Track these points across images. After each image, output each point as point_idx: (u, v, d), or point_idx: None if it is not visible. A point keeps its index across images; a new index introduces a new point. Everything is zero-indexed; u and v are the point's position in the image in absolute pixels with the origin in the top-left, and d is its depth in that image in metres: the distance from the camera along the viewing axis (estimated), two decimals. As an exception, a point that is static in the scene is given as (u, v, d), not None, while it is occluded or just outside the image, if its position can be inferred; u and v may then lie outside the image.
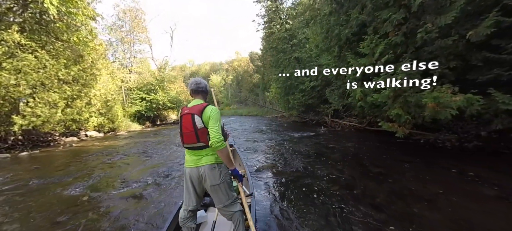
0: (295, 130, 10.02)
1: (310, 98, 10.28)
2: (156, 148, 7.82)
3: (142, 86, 19.97)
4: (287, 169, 4.28)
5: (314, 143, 6.73)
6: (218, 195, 1.63)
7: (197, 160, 1.60)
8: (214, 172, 1.59)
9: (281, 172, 4.13)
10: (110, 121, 14.14)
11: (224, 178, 1.63)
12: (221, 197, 1.63)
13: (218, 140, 1.48)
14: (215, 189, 1.61)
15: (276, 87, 12.96)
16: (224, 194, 1.63)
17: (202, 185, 1.66)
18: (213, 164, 1.60)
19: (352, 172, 3.87)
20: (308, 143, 6.68)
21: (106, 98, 12.52)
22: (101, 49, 12.02)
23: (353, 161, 4.58)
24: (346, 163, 4.41)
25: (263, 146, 6.58)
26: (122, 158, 6.32)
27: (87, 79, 10.09)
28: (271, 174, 4.09)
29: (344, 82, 5.87)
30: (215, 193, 1.63)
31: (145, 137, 11.58)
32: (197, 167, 1.60)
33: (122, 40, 20.30)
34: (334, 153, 5.37)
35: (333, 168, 4.12)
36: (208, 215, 2.27)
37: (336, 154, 5.24)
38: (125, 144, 9.28)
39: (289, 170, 4.20)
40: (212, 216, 2.18)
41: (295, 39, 11.03)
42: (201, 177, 1.61)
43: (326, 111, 9.91)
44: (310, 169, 4.14)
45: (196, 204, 1.70)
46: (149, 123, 19.57)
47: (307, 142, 6.86)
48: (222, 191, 1.62)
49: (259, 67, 37.52)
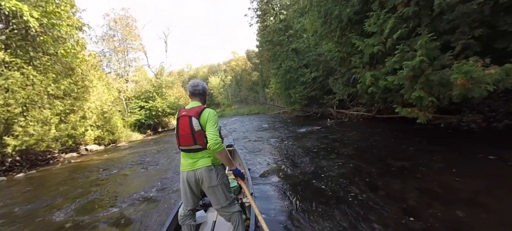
0: (299, 125, 9.51)
1: (312, 91, 9.74)
2: (154, 157, 7.42)
3: (140, 95, 19.66)
4: (294, 170, 3.80)
5: (321, 137, 6.23)
6: (216, 196, 1.62)
7: (193, 162, 1.59)
8: (211, 173, 1.58)
9: (288, 174, 3.65)
10: (110, 132, 13.86)
11: (221, 179, 1.62)
12: (219, 198, 1.62)
13: (216, 142, 1.46)
14: (212, 191, 1.60)
15: (276, 82, 12.41)
16: (221, 195, 1.62)
17: (199, 187, 1.66)
18: (210, 166, 1.58)
19: (369, 169, 3.37)
20: (315, 138, 6.18)
21: (102, 110, 12.17)
22: (91, 59, 11.63)
23: (369, 154, 4.07)
24: (361, 158, 3.91)
25: (266, 146, 6.11)
26: (117, 172, 5.92)
27: (79, 92, 9.73)
28: (277, 177, 3.62)
29: (349, 68, 5.33)
30: (212, 195, 1.62)
31: (144, 146, 11.22)
32: (193, 170, 1.59)
33: (115, 50, 19.94)
34: (345, 146, 4.86)
35: (347, 165, 3.63)
36: (208, 215, 2.25)
37: (348, 148, 4.73)
38: (123, 155, 8.91)
39: (296, 171, 3.72)
40: (212, 216, 2.16)
41: (291, 29, 10.45)
42: (198, 180, 1.59)
43: (331, 102, 9.37)
44: (320, 167, 3.66)
45: (194, 204, 1.71)
46: (151, 131, 19.28)
47: (314, 137, 6.35)
48: (219, 192, 1.61)
49: (257, 65, 36.99)
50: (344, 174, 3.31)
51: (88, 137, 10.30)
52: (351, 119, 8.60)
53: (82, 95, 9.95)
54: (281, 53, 10.38)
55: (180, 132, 1.57)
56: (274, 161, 4.51)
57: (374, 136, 5.39)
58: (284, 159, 4.46)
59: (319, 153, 4.59)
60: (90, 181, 5.30)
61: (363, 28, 4.27)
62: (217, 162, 1.63)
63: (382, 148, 4.22)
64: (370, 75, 3.87)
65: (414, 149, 3.84)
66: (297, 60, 9.87)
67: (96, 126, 11.62)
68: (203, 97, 1.74)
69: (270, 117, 17.38)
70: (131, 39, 20.90)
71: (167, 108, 18.61)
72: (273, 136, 7.74)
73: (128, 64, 21.23)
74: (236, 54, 50.06)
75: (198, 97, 1.71)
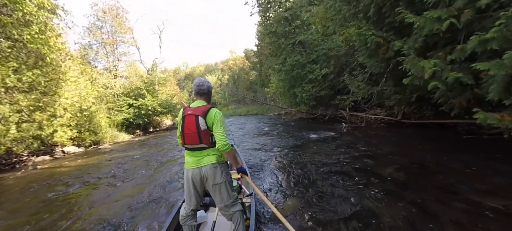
0: (306, 129, 8.24)
1: (322, 90, 8.48)
2: (134, 165, 6.05)
3: (129, 92, 18.12)
4: (320, 208, 2.51)
5: (341, 147, 4.96)
6: (220, 194, 1.62)
7: (198, 160, 1.59)
8: (216, 171, 1.59)
9: (312, 215, 2.34)
10: (92, 132, 12.39)
11: (225, 177, 1.64)
12: (223, 196, 1.63)
13: (225, 143, 1.49)
14: (217, 188, 1.61)
15: (278, 80, 11.10)
16: (225, 193, 1.63)
17: (204, 185, 1.66)
18: (215, 164, 1.59)
19: (430, 203, 2.11)
20: (333, 149, 4.91)
21: (80, 107, 10.66)
22: (65, 48, 10.12)
23: (418, 176, 2.83)
24: (407, 182, 2.66)
25: (271, 160, 4.74)
26: (80, 187, 4.52)
27: (49, 86, 8.24)
28: (296, 218, 2.31)
29: (384, 58, 4.08)
30: (217, 192, 1.62)
31: (128, 149, 9.79)
32: (199, 167, 1.59)
33: (103, 42, 18.34)
34: (379, 162, 3.61)
35: (391, 195, 2.37)
36: (208, 215, 2.27)
37: (383, 165, 3.48)
38: (99, 161, 7.48)
39: (325, 211, 2.43)
40: (212, 216, 2.15)
41: (298, 19, 9.17)
42: (203, 178, 1.60)
43: (343, 103, 8.14)
44: (362, 204, 2.37)
45: (197, 203, 1.70)
46: (140, 132, 17.75)
47: (331, 147, 5.08)
48: (223, 190, 1.62)
49: (255, 64, 35.73)
50: (397, 213, 2.04)
51: (58, 138, 8.78)
52: (369, 124, 7.38)
53: (53, 89, 8.47)
54: (286, 47, 9.06)
55: (185, 130, 1.58)
56: (285, 187, 3.21)
57: (415, 148, 4.16)
58: (299, 186, 3.14)
59: (347, 173, 3.31)
60: (42, 200, 3.89)
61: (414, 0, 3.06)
62: (222, 159, 1.63)
63: (434, 166, 2.99)
64: (432, 65, 2.64)
65: (486, 169, 2.61)
66: (305, 55, 8.61)
67: (73, 125, 10.09)
68: (208, 97, 1.72)
69: (270, 119, 16.08)
70: (121, 31, 19.33)
71: (159, 106, 17.11)
72: (277, 143, 6.43)
73: (118, 58, 19.64)
74: (234, 53, 48.97)
75: (203, 96, 1.69)
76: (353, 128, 7.09)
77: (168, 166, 5.48)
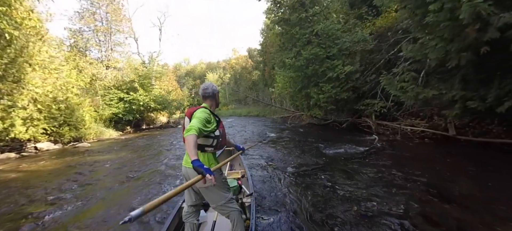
0: (324, 139, 6.67)
1: (344, 91, 6.90)
2: (97, 177, 4.50)
3: (121, 85, 16.58)
4: None
5: (386, 172, 3.39)
6: (209, 196, 1.61)
7: (187, 160, 1.59)
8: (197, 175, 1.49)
9: None
10: (73, 127, 10.88)
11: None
12: (213, 197, 1.60)
13: (187, 129, 1.37)
14: (204, 191, 1.60)
15: (287, 78, 9.49)
16: (215, 195, 1.59)
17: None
18: None
19: None
20: (376, 177, 3.34)
21: (54, 98, 9.12)
22: (42, 28, 8.58)
23: None
24: None
25: (284, 189, 3.11)
26: (14, 204, 2.96)
27: (7, 70, 6.70)
28: None
29: (462, 45, 2.54)
30: (206, 194, 1.61)
31: (107, 151, 8.24)
32: (186, 167, 1.60)
33: (96, 29, 16.80)
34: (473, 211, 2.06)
35: None
36: (208, 215, 2.23)
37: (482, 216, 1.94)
38: (66, 165, 5.91)
39: None
40: (212, 216, 2.14)
41: (317, 5, 7.57)
42: (190, 177, 1.55)
43: (369, 109, 6.59)
44: None
45: (196, 200, 1.69)
46: (131, 128, 16.17)
47: (371, 172, 3.51)
48: (213, 193, 1.59)
49: (259, 63, 34.16)
50: None
51: (17, 133, 7.19)
52: (404, 136, 5.83)
53: (14, 74, 6.92)
54: (301, 37, 7.49)
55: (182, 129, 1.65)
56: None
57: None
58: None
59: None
60: None
61: None
62: (208, 166, 1.47)
63: None
64: None
65: None
66: (324, 48, 7.02)
67: (41, 118, 8.52)
68: (213, 100, 1.74)
69: (274, 122, 14.48)
70: (116, 19, 17.81)
71: (152, 102, 15.54)
72: (290, 158, 4.84)
73: (111, 48, 18.11)
74: (237, 52, 47.46)
75: (208, 99, 1.72)
76: (387, 142, 5.52)
77: (141, 183, 3.93)
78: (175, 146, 8.27)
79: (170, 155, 6.59)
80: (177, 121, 21.03)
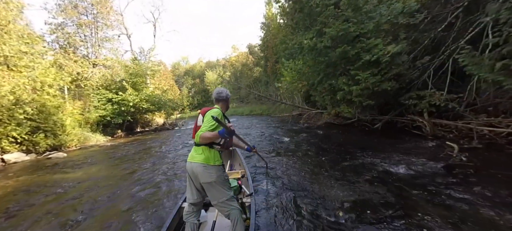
0: (361, 146, 4.94)
1: (386, 80, 5.05)
2: (65, 201, 2.80)
3: (111, 84, 14.86)
4: None
5: None
6: (211, 192, 1.66)
7: (193, 155, 1.69)
8: (204, 170, 1.63)
9: None
10: (51, 134, 9.27)
11: (216, 177, 1.64)
12: (215, 194, 1.65)
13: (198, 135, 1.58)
14: (207, 187, 1.65)
15: (301, 67, 7.60)
16: (218, 191, 1.64)
17: (198, 180, 1.67)
18: (204, 164, 1.64)
19: None
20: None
21: (15, 99, 7.43)
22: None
23: None
24: None
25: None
26: None
27: None
28: None
29: None
30: (209, 191, 1.66)
31: (84, 163, 6.49)
32: (191, 162, 1.68)
33: (79, 23, 15.00)
34: None
35: None
36: (208, 215, 2.24)
37: None
38: (20, 186, 4.19)
39: None
40: (212, 216, 2.13)
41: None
42: (195, 173, 1.65)
43: (424, 103, 4.84)
44: None
45: (197, 197, 1.72)
46: (122, 132, 14.45)
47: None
48: (216, 189, 1.64)
49: (260, 59, 32.35)
50: None
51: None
52: (483, 139, 4.09)
53: None
54: (324, 10, 5.72)
55: (194, 126, 1.79)
56: None
57: None
58: None
59: None
60: None
61: None
62: (214, 162, 1.65)
63: None
64: None
65: None
66: (355, 24, 5.20)
67: (4, 123, 6.85)
68: (225, 103, 1.91)
69: (282, 122, 12.69)
70: (102, 11, 16.02)
71: (144, 102, 13.81)
72: (325, 188, 3.14)
73: (98, 44, 16.32)
74: (237, 49, 45.61)
75: (220, 102, 1.88)
76: (472, 153, 3.76)
77: (112, 213, 2.24)
78: (167, 155, 6.55)
79: (155, 168, 4.88)
80: (174, 123, 19.30)
